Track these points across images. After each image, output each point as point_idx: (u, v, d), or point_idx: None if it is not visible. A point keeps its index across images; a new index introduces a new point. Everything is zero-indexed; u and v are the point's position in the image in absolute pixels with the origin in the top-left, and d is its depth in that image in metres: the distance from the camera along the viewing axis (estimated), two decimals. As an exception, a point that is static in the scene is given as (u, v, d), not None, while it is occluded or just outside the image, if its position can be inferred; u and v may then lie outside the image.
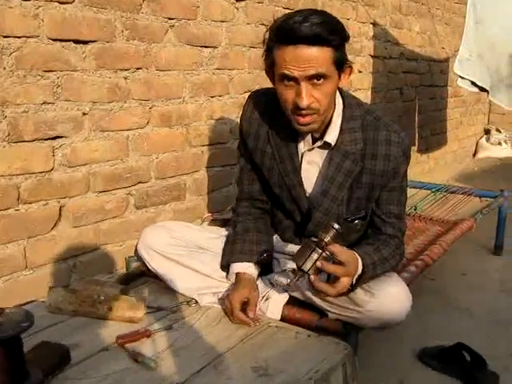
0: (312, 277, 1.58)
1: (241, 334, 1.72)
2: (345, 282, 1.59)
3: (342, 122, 1.76)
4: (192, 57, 2.61)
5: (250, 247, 1.89)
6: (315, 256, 1.57)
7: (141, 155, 2.43)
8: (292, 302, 1.95)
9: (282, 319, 1.89)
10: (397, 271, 1.89)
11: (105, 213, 2.32)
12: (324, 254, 1.56)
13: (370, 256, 1.69)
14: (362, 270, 1.65)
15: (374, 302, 1.68)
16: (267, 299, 1.93)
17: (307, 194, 1.86)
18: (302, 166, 1.83)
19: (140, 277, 2.16)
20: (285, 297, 1.95)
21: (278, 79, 1.62)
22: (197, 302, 1.95)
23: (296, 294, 1.93)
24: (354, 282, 1.65)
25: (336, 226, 1.54)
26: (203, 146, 2.74)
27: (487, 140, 6.77)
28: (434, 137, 5.42)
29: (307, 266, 1.57)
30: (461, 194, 3.54)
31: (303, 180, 1.84)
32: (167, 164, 2.56)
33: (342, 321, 1.80)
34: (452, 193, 3.58)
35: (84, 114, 2.19)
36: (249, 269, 1.87)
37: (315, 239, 1.59)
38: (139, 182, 2.44)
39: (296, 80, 1.56)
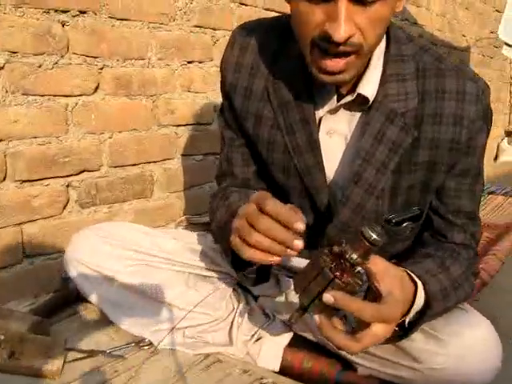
0: (317, 319, 0.91)
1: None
2: (379, 331, 0.90)
3: (386, 64, 1.11)
4: (161, 5, 1.94)
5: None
6: (322, 283, 0.88)
7: (86, 132, 1.76)
8: (298, 342, 1.26)
9: (282, 371, 1.21)
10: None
11: (31, 211, 1.64)
12: (341, 280, 0.88)
13: (436, 279, 1.02)
14: (426, 301, 0.97)
15: (443, 356, 1.02)
16: (259, 339, 1.26)
17: (328, 182, 1.19)
18: (320, 137, 1.17)
19: (73, 303, 1.47)
20: (286, 336, 1.27)
21: None
22: (150, 343, 1.26)
23: (305, 333, 1.25)
24: (408, 321, 0.97)
25: (370, 233, 0.85)
26: (177, 126, 2.06)
27: (509, 143, 6.12)
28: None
29: (306, 299, 0.92)
30: (502, 195, 2.88)
31: (323, 160, 1.17)
32: (125, 147, 1.88)
33: (380, 379, 1.12)
34: (490, 193, 2.92)
35: (-3, 67, 1.52)
36: None
37: (327, 252, 0.91)
38: (84, 171, 1.76)
39: None
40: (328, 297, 0.86)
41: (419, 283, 0.98)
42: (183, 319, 1.24)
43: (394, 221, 1.18)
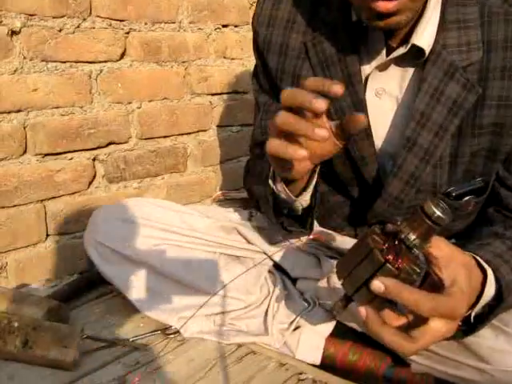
0: (362, 311, 0.74)
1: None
2: (439, 329, 0.73)
3: (444, 9, 0.95)
4: (193, -37, 1.79)
5: None
6: (370, 268, 0.72)
7: (112, 102, 1.63)
8: (342, 332, 1.11)
9: (324, 364, 1.07)
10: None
11: (55, 187, 1.53)
12: (394, 266, 0.71)
13: (509, 264, 0.85)
14: (498, 292, 0.81)
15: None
16: (296, 328, 1.12)
17: (377, 150, 1.03)
18: (367, 98, 1.01)
19: (99, 286, 1.36)
20: (329, 324, 1.12)
21: None
22: (177, 331, 1.13)
23: (350, 322, 1.11)
24: (474, 315, 0.81)
25: (434, 209, 0.69)
26: (212, 94, 1.92)
27: None
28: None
29: (351, 286, 0.75)
30: None
31: (370, 124, 1.01)
32: (155, 117, 1.74)
33: (436, 378, 0.96)
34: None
35: (13, 32, 1.39)
36: None
37: (378, 231, 0.75)
38: (111, 143, 1.64)
39: None
40: (377, 284, 0.70)
41: (489, 270, 0.81)
42: (206, 303, 1.11)
43: (454, 194, 1.01)
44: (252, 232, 1.24)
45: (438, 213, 0.68)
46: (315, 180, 0.94)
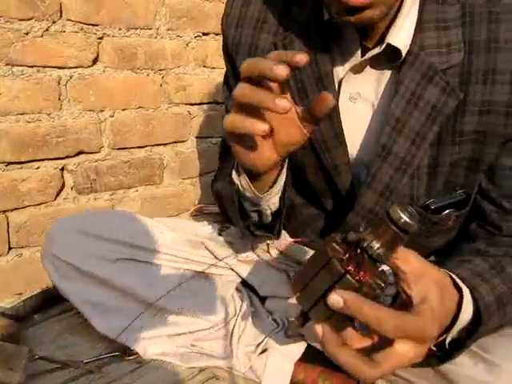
0: (318, 330, 0.64)
1: None
2: (406, 352, 0.63)
3: (423, 8, 0.88)
4: (171, -32, 1.73)
5: None
6: (327, 280, 0.63)
7: (83, 110, 1.56)
8: (312, 355, 1.03)
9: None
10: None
11: (19, 197, 1.45)
12: (355, 278, 0.63)
13: (490, 284, 0.77)
14: (476, 314, 0.73)
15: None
16: (264, 351, 1.03)
17: (350, 160, 0.95)
18: (340, 104, 0.94)
19: (56, 303, 1.28)
20: (298, 347, 1.04)
21: None
22: (136, 353, 1.05)
23: (318, 344, 1.02)
24: (449, 340, 0.72)
25: (400, 214, 0.61)
26: (190, 104, 1.85)
27: None
28: None
29: (307, 301, 0.66)
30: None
31: (344, 132, 0.93)
32: (130, 127, 1.67)
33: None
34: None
35: (-25, 34, 1.33)
36: None
37: (339, 239, 0.67)
38: (81, 152, 1.57)
39: None
40: (334, 299, 0.60)
41: (466, 290, 0.73)
42: (143, 314, 1.04)
43: (433, 207, 0.94)
44: (220, 247, 1.16)
45: (405, 218, 0.60)
46: (284, 179, 0.85)
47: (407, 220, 0.60)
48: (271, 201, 0.87)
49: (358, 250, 0.62)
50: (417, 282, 0.65)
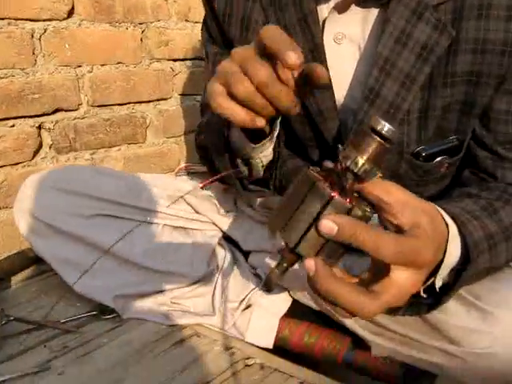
0: (310, 265, 0.56)
1: None
2: (405, 281, 0.57)
3: None
4: None
5: None
6: (314, 207, 0.55)
7: (59, 65, 1.49)
8: (298, 312, 0.99)
9: (277, 348, 0.95)
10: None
11: (-7, 157, 1.39)
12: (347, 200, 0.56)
13: (480, 222, 0.71)
14: (465, 252, 0.67)
15: (490, 336, 0.73)
16: (248, 307, 0.99)
17: (338, 104, 0.90)
18: (325, 45, 0.88)
19: (33, 264, 1.23)
20: (283, 303, 1.00)
21: None
22: (115, 312, 1.01)
23: (307, 300, 0.99)
24: (439, 282, 0.67)
25: (381, 121, 0.54)
26: (174, 60, 1.78)
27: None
28: None
29: (293, 234, 0.56)
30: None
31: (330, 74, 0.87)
32: (109, 83, 1.61)
33: (401, 363, 0.84)
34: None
35: None
36: None
37: (316, 169, 0.60)
38: (58, 110, 1.50)
39: None
40: (326, 224, 0.53)
41: (452, 225, 0.66)
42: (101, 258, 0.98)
43: (424, 154, 0.88)
44: (201, 201, 1.11)
45: (388, 125, 0.54)
46: (277, 130, 0.78)
47: (390, 127, 0.54)
48: (264, 153, 0.81)
49: (339, 177, 0.56)
50: (403, 209, 0.58)
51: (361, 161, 0.54)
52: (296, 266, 0.60)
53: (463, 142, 0.88)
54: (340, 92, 0.90)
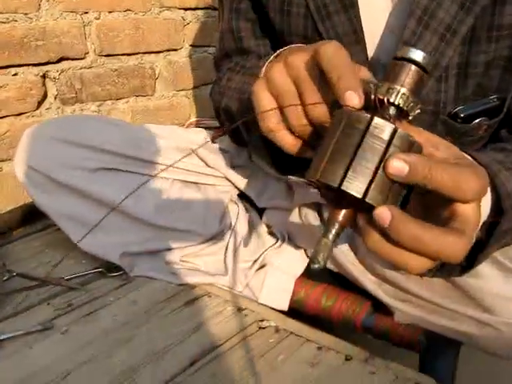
0: (386, 212, 0.44)
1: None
2: (473, 214, 0.47)
3: None
4: None
5: None
6: (378, 147, 0.46)
7: (64, 10, 1.41)
8: (314, 273, 0.94)
9: (292, 310, 0.90)
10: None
11: (-4, 107, 1.33)
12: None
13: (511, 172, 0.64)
14: (498, 204, 0.60)
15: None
16: (262, 267, 0.94)
17: (369, 57, 0.82)
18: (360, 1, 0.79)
19: (37, 218, 1.18)
20: (300, 263, 0.95)
21: None
22: (122, 269, 0.96)
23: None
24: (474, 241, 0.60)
25: (415, 50, 0.47)
26: (185, 9, 1.69)
27: None
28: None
29: (359, 181, 0.46)
30: None
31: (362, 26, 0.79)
32: (118, 31, 1.53)
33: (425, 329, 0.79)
34: None
35: None
36: None
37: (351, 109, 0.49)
38: (64, 58, 1.43)
39: None
40: (397, 163, 0.44)
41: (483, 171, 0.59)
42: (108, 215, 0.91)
43: (462, 115, 0.80)
44: (213, 155, 1.05)
45: (423, 53, 0.47)
46: None
47: (425, 54, 0.47)
48: None
49: (381, 110, 0.48)
50: (438, 147, 0.51)
51: (403, 91, 0.47)
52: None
53: (504, 102, 0.81)
54: (371, 46, 0.82)
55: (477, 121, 0.80)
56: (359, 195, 0.45)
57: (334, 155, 0.46)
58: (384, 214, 0.44)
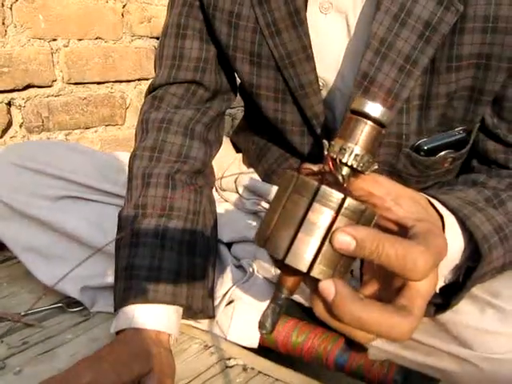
0: (329, 287, 0.42)
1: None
2: (425, 287, 0.44)
3: None
4: None
5: (179, 262, 0.81)
6: (327, 215, 0.42)
7: (32, 37, 1.38)
8: (285, 308, 0.88)
9: (262, 347, 0.86)
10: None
11: (-43, 134, 1.29)
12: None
13: (485, 214, 0.61)
14: (475, 248, 0.58)
15: (508, 338, 0.64)
16: (230, 302, 0.90)
17: (322, 82, 0.81)
18: (309, 14, 0.78)
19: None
20: (270, 296, 0.89)
21: None
22: (80, 304, 0.91)
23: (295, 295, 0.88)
24: (441, 280, 0.57)
25: (370, 103, 0.44)
26: (156, 38, 1.67)
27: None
28: None
29: (305, 253, 0.42)
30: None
31: (313, 50, 0.78)
32: (87, 60, 1.50)
33: (401, 366, 0.75)
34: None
35: None
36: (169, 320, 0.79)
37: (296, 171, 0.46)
38: (30, 86, 1.39)
39: None
40: (343, 238, 0.41)
41: (448, 216, 0.56)
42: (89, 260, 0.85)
43: (425, 148, 0.78)
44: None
45: (379, 105, 0.44)
46: None
47: (382, 108, 0.44)
48: None
49: (334, 170, 0.46)
50: (396, 203, 0.48)
51: (357, 151, 0.44)
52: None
53: (470, 134, 0.79)
54: (324, 69, 0.80)
55: (442, 153, 0.79)
56: (304, 269, 0.42)
57: (279, 224, 0.43)
58: (328, 289, 0.42)
